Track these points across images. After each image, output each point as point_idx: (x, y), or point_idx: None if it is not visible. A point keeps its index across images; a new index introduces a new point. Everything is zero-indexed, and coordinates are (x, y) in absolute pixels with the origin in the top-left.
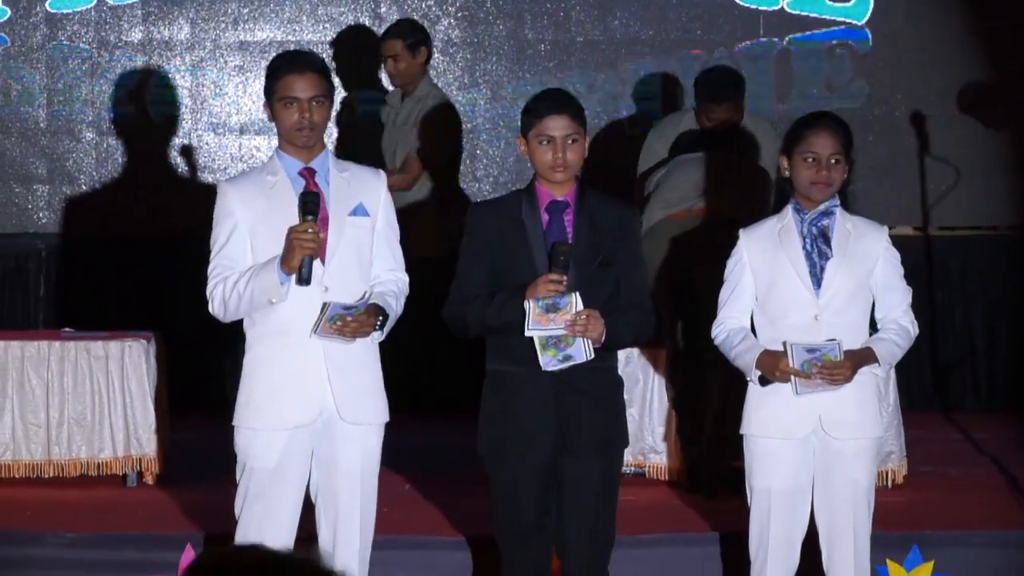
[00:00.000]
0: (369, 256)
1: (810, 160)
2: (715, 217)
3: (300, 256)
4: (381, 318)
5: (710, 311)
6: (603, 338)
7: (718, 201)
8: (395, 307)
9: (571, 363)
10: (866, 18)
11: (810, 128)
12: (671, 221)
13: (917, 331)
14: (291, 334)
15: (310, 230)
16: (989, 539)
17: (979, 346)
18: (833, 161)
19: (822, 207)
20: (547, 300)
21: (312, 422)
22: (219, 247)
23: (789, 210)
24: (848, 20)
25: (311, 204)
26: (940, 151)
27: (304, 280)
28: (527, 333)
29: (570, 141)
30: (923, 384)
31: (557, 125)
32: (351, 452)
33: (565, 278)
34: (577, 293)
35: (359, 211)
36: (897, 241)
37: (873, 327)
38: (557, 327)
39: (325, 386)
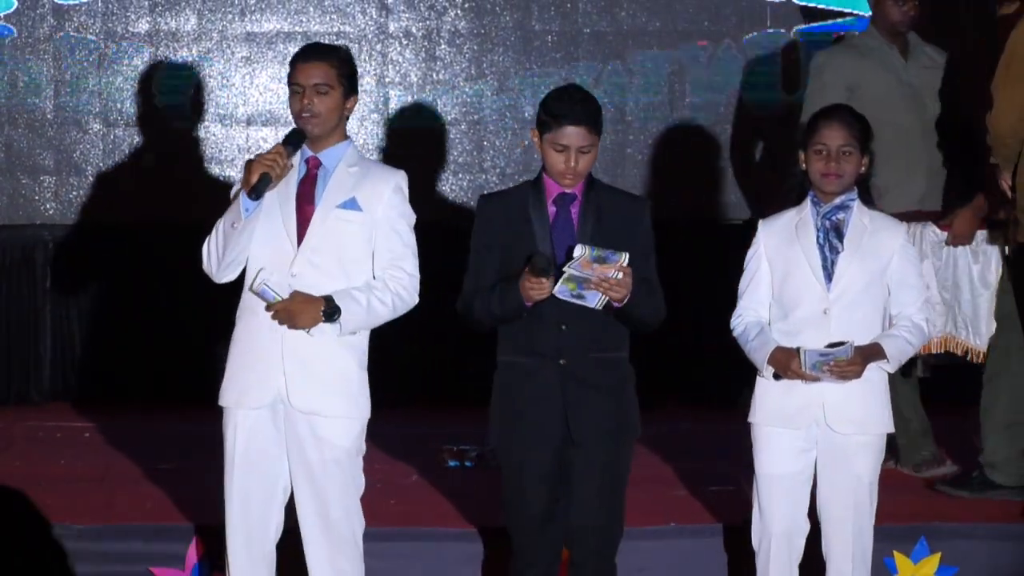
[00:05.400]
0: (356, 252)
1: (821, 152)
2: None
3: (257, 172)
4: (327, 311)
5: None
6: (624, 301)
7: None
8: (364, 303)
9: (580, 303)
10: None
11: (822, 120)
12: None
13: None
14: (258, 313)
15: (275, 154)
16: (996, 532)
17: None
18: (845, 153)
19: (838, 200)
20: (600, 252)
21: (269, 404)
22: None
23: (808, 203)
24: (855, 11)
25: (294, 137)
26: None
27: (256, 194)
28: (566, 270)
29: (584, 151)
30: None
31: (574, 135)
32: (309, 441)
33: (547, 280)
34: (627, 253)
35: (349, 205)
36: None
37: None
38: (593, 275)
39: (279, 370)
